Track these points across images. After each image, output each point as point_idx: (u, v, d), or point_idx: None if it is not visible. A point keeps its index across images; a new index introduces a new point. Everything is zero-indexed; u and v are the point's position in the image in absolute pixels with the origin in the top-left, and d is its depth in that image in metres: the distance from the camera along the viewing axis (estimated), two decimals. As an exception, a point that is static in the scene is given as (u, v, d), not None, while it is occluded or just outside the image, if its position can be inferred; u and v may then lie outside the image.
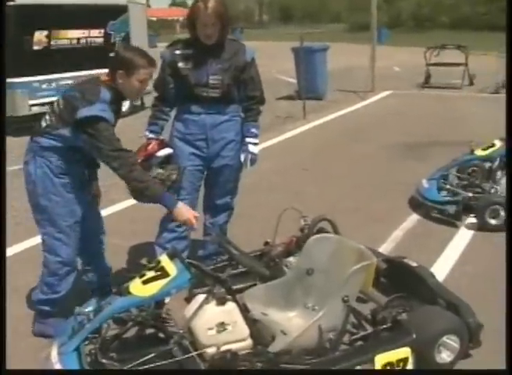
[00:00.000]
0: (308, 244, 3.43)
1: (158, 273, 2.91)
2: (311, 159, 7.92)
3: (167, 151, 3.66)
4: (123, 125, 4.28)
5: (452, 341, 3.04)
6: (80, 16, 10.22)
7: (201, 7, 3.66)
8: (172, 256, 2.98)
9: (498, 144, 5.62)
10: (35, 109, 9.74)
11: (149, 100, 5.27)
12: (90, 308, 3.06)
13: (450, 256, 4.60)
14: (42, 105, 9.64)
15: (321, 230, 3.81)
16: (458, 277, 4.17)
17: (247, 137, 4.07)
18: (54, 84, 10.00)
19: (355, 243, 3.37)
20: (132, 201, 4.85)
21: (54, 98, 3.54)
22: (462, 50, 14.23)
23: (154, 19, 50.03)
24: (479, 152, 5.69)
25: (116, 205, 5.85)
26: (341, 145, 8.76)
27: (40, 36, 9.82)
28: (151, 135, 3.95)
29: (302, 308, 3.39)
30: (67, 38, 10.26)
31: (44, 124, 3.27)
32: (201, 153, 3.96)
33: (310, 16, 59.97)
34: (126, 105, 10.06)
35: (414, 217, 5.52)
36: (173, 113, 4.09)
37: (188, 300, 3.30)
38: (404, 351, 2.91)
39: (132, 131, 6.79)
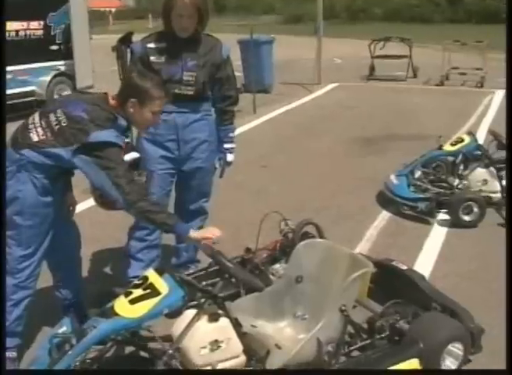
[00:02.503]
0: (297, 250, 3.25)
1: (147, 291, 2.65)
2: (268, 156, 7.74)
3: (133, 155, 3.41)
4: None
5: (456, 348, 2.95)
6: (19, 7, 9.56)
7: None
8: (161, 272, 2.73)
9: (467, 139, 5.59)
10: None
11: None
12: (64, 329, 2.78)
13: (429, 255, 4.54)
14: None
15: (305, 235, 3.63)
16: (441, 277, 4.08)
17: (226, 142, 3.88)
18: (-8, 79, 9.44)
19: (346, 248, 3.24)
20: (90, 203, 4.58)
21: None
22: (406, 42, 14.36)
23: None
24: (448, 148, 5.64)
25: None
26: (296, 140, 8.63)
27: (-25, 29, 9.22)
28: None
29: (292, 318, 3.23)
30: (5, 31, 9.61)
31: (35, 138, 2.89)
32: (172, 155, 3.70)
33: (243, 7, 59.71)
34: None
35: (385, 214, 5.44)
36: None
37: (168, 314, 3.06)
38: (414, 364, 2.79)
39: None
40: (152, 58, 3.55)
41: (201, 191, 3.90)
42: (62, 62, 10.93)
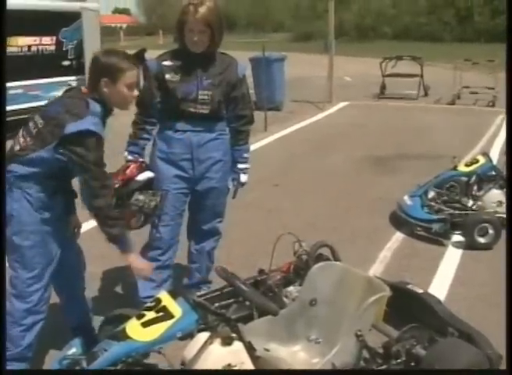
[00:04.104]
0: (312, 272, 3.19)
1: (160, 313, 2.61)
2: (280, 174, 7.70)
3: (147, 174, 3.39)
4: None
5: (474, 376, 2.86)
6: (31, 22, 9.66)
7: (190, 11, 3.37)
8: (174, 294, 2.69)
9: (482, 159, 5.55)
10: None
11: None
12: (74, 350, 2.74)
13: (444, 278, 4.47)
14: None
15: (319, 257, 3.57)
16: (457, 300, 4.00)
17: (240, 163, 3.85)
18: (3, 94, 9.47)
19: (362, 271, 3.19)
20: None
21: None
22: (417, 61, 14.36)
23: (97, 26, 48.85)
24: (463, 168, 5.61)
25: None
26: (307, 159, 8.60)
27: (-12, 43, 9.29)
28: (130, 157, 3.63)
29: (305, 342, 3.16)
30: (17, 46, 9.66)
31: (17, 148, 2.85)
32: (186, 175, 3.65)
33: (253, 24, 60.08)
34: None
35: (399, 235, 5.38)
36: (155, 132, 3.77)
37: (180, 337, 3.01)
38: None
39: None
40: (167, 76, 3.53)
41: (215, 211, 3.85)
42: (73, 78, 10.92)
